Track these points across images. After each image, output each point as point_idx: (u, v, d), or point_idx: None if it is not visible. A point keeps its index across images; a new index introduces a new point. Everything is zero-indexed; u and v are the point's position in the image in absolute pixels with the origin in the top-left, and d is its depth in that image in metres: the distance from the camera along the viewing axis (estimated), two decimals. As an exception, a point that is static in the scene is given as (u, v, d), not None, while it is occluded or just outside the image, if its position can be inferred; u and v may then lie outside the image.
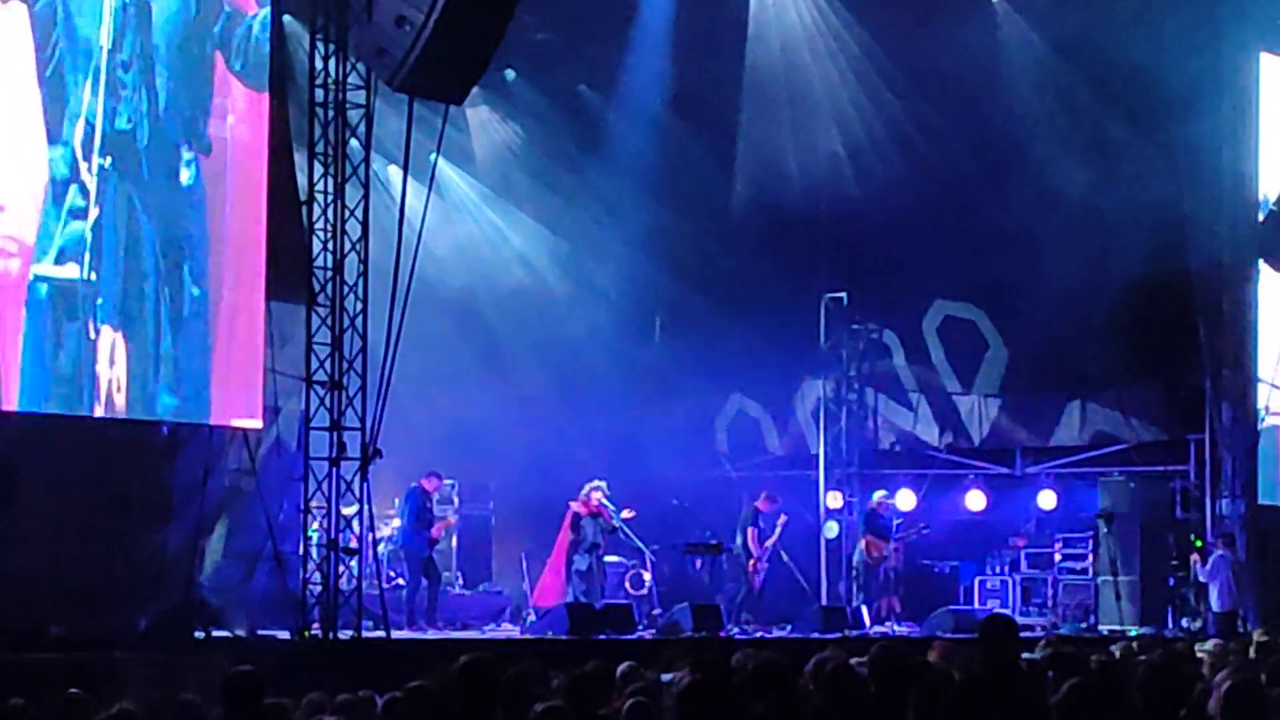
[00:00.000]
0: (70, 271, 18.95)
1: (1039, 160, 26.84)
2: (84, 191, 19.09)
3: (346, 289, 20.88)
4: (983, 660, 10.25)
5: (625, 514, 25.40)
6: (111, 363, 19.30)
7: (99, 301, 19.21)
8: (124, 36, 19.56)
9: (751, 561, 26.27)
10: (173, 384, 19.94)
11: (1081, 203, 27.08)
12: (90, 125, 19.16)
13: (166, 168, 20.00)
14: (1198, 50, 26.35)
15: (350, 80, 20.93)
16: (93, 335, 19.15)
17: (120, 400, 19.42)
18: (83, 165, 19.08)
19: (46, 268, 18.79)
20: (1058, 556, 28.63)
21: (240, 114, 20.72)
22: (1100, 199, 26.91)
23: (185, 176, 20.16)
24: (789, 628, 25.63)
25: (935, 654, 13.11)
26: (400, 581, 23.90)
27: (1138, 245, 26.79)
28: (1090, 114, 27.10)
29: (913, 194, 27.73)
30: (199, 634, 19.62)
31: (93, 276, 19.12)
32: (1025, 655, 11.85)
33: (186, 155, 20.17)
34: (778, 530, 26.73)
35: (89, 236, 19.09)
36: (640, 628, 23.81)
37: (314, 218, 20.92)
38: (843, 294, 30.03)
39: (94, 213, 19.14)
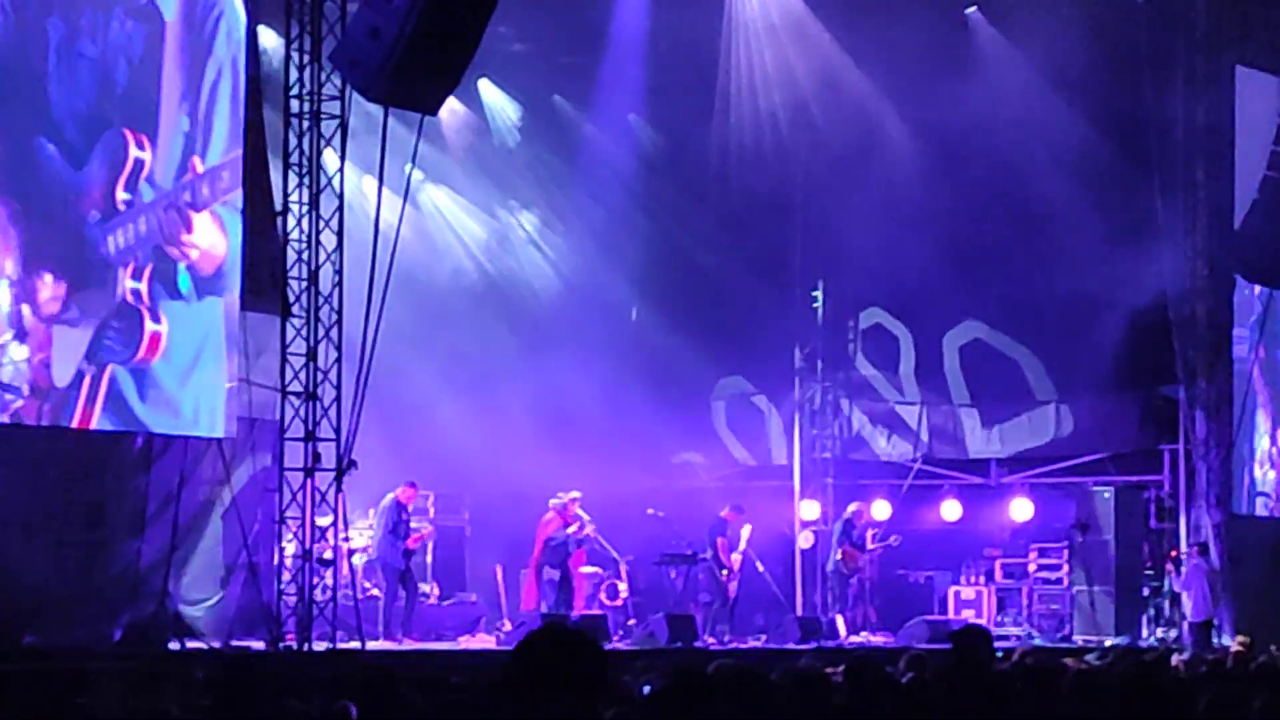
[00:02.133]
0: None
1: (1018, 172, 26.87)
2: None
3: (321, 300, 20.84)
4: (957, 671, 10.23)
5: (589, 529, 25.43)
6: None
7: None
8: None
9: (724, 572, 26.25)
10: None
11: (1058, 214, 27.12)
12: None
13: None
14: (1174, 63, 26.45)
15: (325, 91, 20.90)
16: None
17: None
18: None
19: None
20: (1033, 566, 28.59)
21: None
22: (1077, 210, 26.96)
23: None
24: (764, 638, 25.61)
25: (909, 665, 13.08)
26: (376, 592, 23.84)
27: (1114, 256, 26.83)
28: (1068, 126, 27.11)
29: (893, 205, 27.67)
30: (173, 645, 19.57)
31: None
32: (999, 665, 11.84)
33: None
34: (743, 541, 26.63)
35: None
36: (615, 638, 23.78)
37: (289, 228, 20.89)
38: (818, 301, 29.96)
39: None
